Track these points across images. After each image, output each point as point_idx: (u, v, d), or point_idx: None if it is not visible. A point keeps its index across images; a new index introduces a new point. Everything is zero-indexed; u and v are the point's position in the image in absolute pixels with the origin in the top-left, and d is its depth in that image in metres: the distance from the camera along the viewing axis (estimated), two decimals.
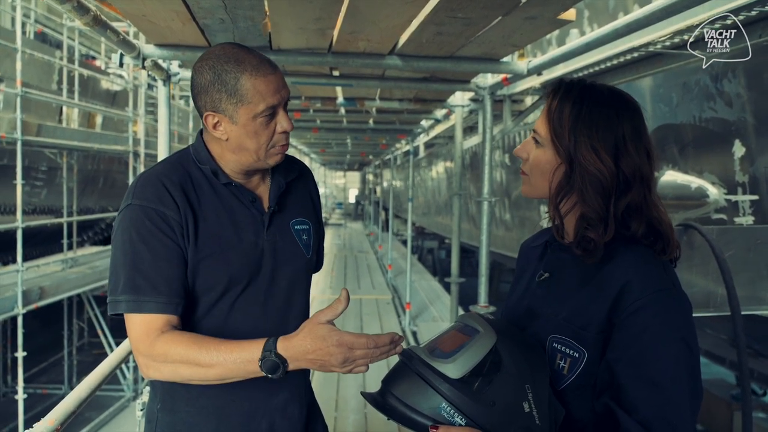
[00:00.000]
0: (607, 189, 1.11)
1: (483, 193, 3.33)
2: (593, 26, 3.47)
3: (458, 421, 0.99)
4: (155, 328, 1.28)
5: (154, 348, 1.27)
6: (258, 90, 1.28)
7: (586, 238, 1.12)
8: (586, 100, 1.13)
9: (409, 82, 3.35)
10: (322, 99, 4.39)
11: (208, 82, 1.30)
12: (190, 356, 1.24)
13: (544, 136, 1.17)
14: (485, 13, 2.02)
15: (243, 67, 1.29)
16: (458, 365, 1.01)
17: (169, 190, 1.33)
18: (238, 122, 1.31)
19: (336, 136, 8.24)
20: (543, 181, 1.18)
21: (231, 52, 1.31)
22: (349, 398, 5.32)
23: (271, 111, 1.31)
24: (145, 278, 1.29)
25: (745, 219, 2.53)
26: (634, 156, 1.11)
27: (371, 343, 1.15)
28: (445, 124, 5.72)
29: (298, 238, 1.48)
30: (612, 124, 1.12)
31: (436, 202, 11.57)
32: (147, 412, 1.47)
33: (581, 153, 1.11)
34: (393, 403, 1.03)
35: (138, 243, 1.30)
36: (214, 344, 1.24)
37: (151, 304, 1.29)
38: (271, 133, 1.33)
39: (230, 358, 1.22)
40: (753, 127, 2.44)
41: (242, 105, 1.29)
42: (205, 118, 1.34)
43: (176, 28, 2.29)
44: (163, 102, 3.01)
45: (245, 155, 1.35)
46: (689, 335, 1.05)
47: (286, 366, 1.20)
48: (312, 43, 2.52)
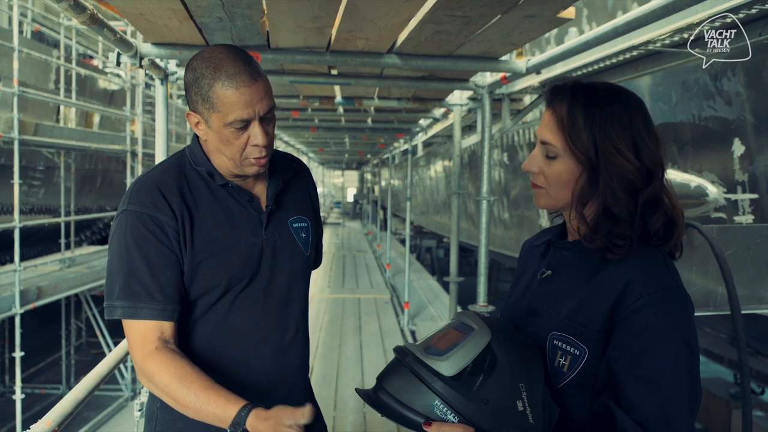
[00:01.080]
0: (636, 185, 1.10)
1: (482, 192, 3.33)
2: (592, 24, 3.47)
3: (451, 418, 0.98)
4: (150, 337, 1.30)
5: (146, 365, 1.29)
6: (229, 101, 1.27)
7: (618, 233, 1.10)
8: (595, 102, 1.12)
9: (407, 80, 3.34)
10: (320, 98, 4.38)
11: (189, 83, 1.32)
12: (170, 390, 1.25)
13: (560, 147, 1.14)
14: (484, 12, 2.01)
15: (217, 75, 1.27)
16: (451, 363, 1.00)
17: (165, 195, 1.34)
18: (212, 127, 1.31)
19: (334, 135, 8.24)
20: (565, 192, 1.16)
21: (215, 57, 1.29)
22: (348, 398, 5.31)
23: (241, 124, 1.29)
24: (141, 284, 1.30)
25: (744, 218, 2.53)
26: (651, 146, 1.11)
27: None
28: (443, 123, 5.71)
29: (297, 237, 1.48)
30: (625, 120, 1.11)
31: (434, 201, 11.58)
32: (146, 410, 1.48)
33: (606, 156, 1.10)
34: (386, 399, 1.03)
35: (133, 249, 1.31)
36: (196, 388, 1.24)
37: (146, 311, 1.30)
38: (242, 144, 1.32)
39: (205, 409, 1.22)
40: (752, 125, 2.43)
41: (213, 112, 1.29)
42: (188, 115, 1.36)
43: (174, 26, 2.27)
44: (160, 101, 3.00)
45: (223, 159, 1.36)
46: (690, 336, 1.05)
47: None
48: (310, 42, 2.51)
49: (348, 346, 7.02)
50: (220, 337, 1.39)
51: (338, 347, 6.94)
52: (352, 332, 7.66)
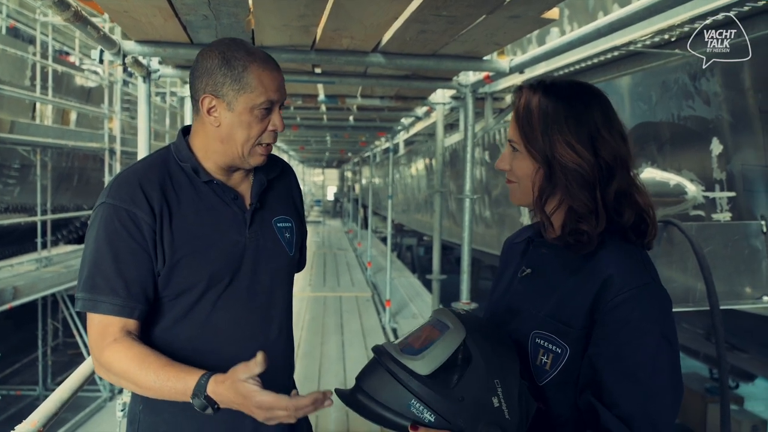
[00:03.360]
0: (590, 181, 1.11)
1: (465, 190, 3.35)
2: (573, 25, 3.51)
3: (427, 417, 0.99)
4: (110, 331, 1.29)
5: (103, 355, 1.28)
6: (262, 82, 1.31)
7: (579, 230, 1.12)
8: (551, 98, 1.13)
9: (391, 79, 3.35)
10: (303, 96, 4.37)
11: (214, 65, 1.32)
12: (130, 374, 1.25)
13: (519, 142, 1.16)
14: (469, 12, 2.03)
15: (253, 57, 1.31)
16: (427, 362, 1.01)
17: (145, 190, 1.33)
18: (234, 110, 1.32)
19: (316, 134, 8.22)
20: (530, 186, 1.17)
21: (242, 43, 1.34)
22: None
23: (269, 105, 1.33)
24: (104, 278, 1.29)
25: (722, 215, 2.58)
26: (610, 142, 1.12)
27: (291, 406, 1.14)
28: (425, 121, 5.73)
29: (281, 236, 1.47)
30: (582, 115, 1.12)
31: (415, 199, 11.60)
32: (129, 413, 1.47)
33: (557, 151, 1.11)
34: (364, 400, 1.03)
35: (103, 242, 1.30)
36: (155, 367, 1.24)
37: (107, 305, 1.29)
38: (262, 128, 1.34)
39: (166, 385, 1.22)
40: (730, 125, 2.48)
41: (243, 93, 1.30)
42: (202, 100, 1.33)
43: (158, 24, 2.26)
44: (143, 99, 2.97)
45: (231, 146, 1.35)
46: (669, 330, 1.06)
47: (216, 407, 1.20)
48: (295, 40, 2.51)
49: (330, 345, 7.02)
50: (203, 338, 1.38)
51: (320, 345, 6.94)
52: (333, 330, 7.66)
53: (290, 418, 1.16)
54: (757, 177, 2.39)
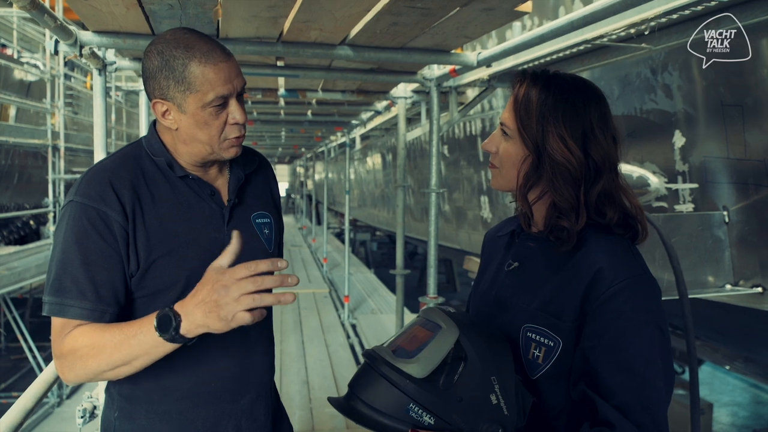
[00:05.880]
0: (577, 178, 1.12)
1: (431, 184, 3.34)
2: (533, 19, 3.54)
3: (427, 420, 0.98)
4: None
5: (63, 346, 1.20)
6: (207, 78, 1.22)
7: (559, 226, 1.13)
8: (552, 90, 1.14)
9: (355, 73, 3.31)
10: (263, 90, 4.28)
11: (156, 68, 1.24)
12: (95, 343, 1.18)
13: (513, 128, 1.16)
14: (444, 4, 2.01)
15: (192, 54, 1.22)
16: (422, 364, 1.00)
17: (116, 188, 1.26)
18: (186, 111, 1.25)
19: (271, 129, 8.09)
20: (514, 172, 1.18)
21: (182, 38, 1.24)
22: (294, 394, 5.26)
23: (221, 101, 1.25)
24: (73, 281, 1.21)
25: (685, 206, 2.65)
26: (602, 143, 1.13)
27: (251, 265, 1.09)
28: (384, 116, 5.71)
29: (260, 233, 1.43)
30: (579, 112, 1.12)
31: (371, 194, 11.59)
32: (103, 421, 1.39)
33: (549, 143, 1.12)
34: (359, 407, 1.01)
35: (71, 243, 1.22)
36: (114, 331, 1.18)
37: (75, 309, 1.21)
38: (221, 124, 1.27)
39: (130, 342, 1.15)
40: (692, 117, 2.55)
41: (190, 93, 1.23)
42: (154, 105, 1.27)
43: (119, 13, 2.16)
44: (98, 92, 2.85)
45: (197, 146, 1.29)
46: (660, 319, 1.08)
47: (178, 320, 1.12)
48: (262, 32, 2.44)
49: (290, 342, 6.95)
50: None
51: (280, 343, 6.85)
52: (292, 328, 7.58)
53: (257, 282, 1.08)
54: (719, 168, 2.46)
